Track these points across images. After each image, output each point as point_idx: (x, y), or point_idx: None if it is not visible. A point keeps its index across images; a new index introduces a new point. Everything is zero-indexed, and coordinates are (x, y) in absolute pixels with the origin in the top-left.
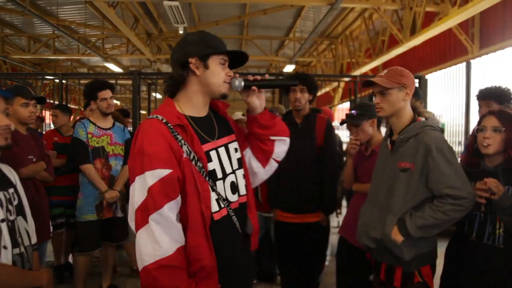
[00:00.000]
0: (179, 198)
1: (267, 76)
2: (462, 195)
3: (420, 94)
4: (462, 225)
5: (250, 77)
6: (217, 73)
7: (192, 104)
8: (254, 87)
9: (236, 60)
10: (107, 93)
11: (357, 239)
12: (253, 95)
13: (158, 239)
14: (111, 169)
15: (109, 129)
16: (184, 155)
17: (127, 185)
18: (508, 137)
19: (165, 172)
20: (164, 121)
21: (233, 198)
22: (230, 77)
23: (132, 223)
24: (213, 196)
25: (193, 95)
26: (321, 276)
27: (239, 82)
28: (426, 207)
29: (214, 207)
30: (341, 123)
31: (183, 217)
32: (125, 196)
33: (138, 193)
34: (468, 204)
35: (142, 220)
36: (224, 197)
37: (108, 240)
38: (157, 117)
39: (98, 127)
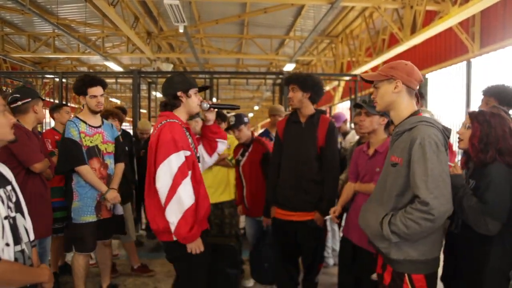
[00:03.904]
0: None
1: (219, 101)
2: (426, 199)
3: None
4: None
5: (209, 102)
6: (194, 100)
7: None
8: (211, 108)
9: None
10: (97, 90)
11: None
12: (210, 113)
13: (190, 192)
14: (107, 168)
15: (99, 127)
16: (191, 146)
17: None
18: (472, 132)
19: (188, 153)
20: (179, 123)
21: None
22: (201, 101)
23: (167, 187)
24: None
25: (181, 114)
26: (318, 276)
27: (206, 105)
28: (400, 211)
29: None
30: (355, 106)
31: (195, 180)
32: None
33: (176, 164)
34: (436, 213)
35: (181, 179)
36: None
37: (104, 238)
38: (175, 121)
39: (90, 125)
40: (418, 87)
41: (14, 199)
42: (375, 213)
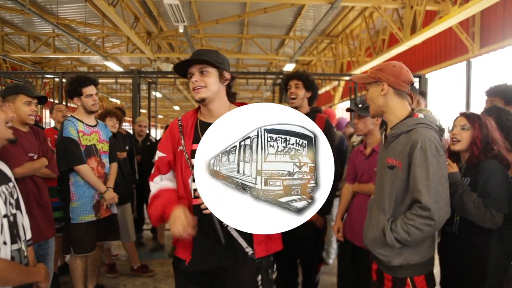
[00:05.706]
0: (169, 174)
1: None
2: (428, 205)
3: (416, 91)
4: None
5: None
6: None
7: (202, 113)
8: None
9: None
10: (91, 89)
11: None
12: None
13: (152, 190)
14: (104, 167)
15: (95, 126)
16: (180, 147)
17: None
18: (473, 133)
19: (161, 154)
20: (179, 120)
21: None
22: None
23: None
24: (193, 185)
25: (201, 107)
26: (318, 276)
27: None
28: (400, 217)
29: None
30: (347, 110)
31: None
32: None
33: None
34: (436, 217)
35: (152, 177)
36: None
37: (101, 239)
38: (178, 117)
39: (86, 124)
40: (408, 88)
41: (15, 196)
42: (376, 219)
